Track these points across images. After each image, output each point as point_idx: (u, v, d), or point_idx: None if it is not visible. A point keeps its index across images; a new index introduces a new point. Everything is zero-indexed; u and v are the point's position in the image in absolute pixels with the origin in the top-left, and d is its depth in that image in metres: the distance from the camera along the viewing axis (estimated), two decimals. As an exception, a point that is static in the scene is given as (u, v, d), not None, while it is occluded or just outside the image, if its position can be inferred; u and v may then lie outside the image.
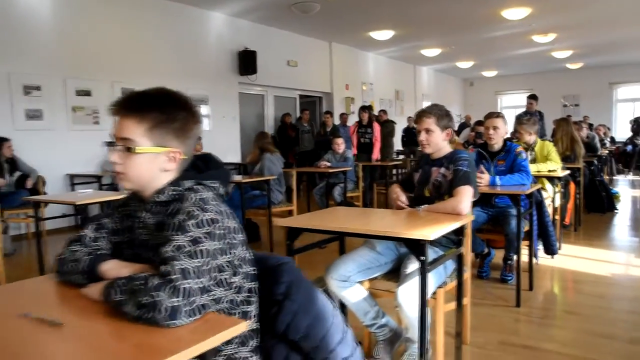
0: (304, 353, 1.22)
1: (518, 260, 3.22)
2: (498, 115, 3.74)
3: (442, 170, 2.40)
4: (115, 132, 1.21)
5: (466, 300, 2.46)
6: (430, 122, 2.46)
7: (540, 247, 3.92)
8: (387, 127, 9.53)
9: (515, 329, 2.81)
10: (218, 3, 8.04)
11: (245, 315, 1.20)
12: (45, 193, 5.79)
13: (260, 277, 1.26)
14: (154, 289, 0.99)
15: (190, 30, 8.08)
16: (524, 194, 3.12)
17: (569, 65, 15.53)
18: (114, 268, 1.17)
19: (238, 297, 1.20)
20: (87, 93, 6.71)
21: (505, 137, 3.70)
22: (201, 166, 1.29)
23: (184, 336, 0.92)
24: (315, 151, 9.05)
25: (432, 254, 2.11)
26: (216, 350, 1.04)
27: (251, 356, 1.19)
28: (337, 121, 9.96)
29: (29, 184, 5.55)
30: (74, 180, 6.52)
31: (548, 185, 4.42)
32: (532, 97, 8.36)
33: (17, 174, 5.63)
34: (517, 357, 2.44)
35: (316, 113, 11.30)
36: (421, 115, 2.50)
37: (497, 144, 3.63)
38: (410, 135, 12.58)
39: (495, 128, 3.62)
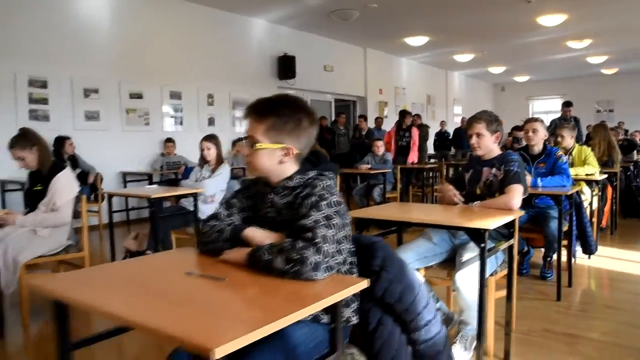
0: (395, 315, 1.48)
1: (558, 258, 3.41)
2: (537, 119, 3.95)
3: (494, 170, 2.63)
4: (247, 129, 1.50)
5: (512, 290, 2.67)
6: (480, 127, 2.69)
7: (578, 247, 4.10)
8: (422, 131, 9.71)
9: (557, 319, 3.01)
10: (260, 10, 8.39)
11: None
12: (102, 189, 6.19)
13: (357, 253, 1.52)
14: (301, 249, 1.28)
15: (234, 36, 8.45)
16: (565, 195, 3.31)
17: (604, 71, 15.42)
18: (257, 233, 1.45)
19: (343, 267, 1.46)
20: (139, 96, 7.12)
21: (544, 140, 3.89)
22: (314, 160, 1.56)
23: (321, 291, 1.19)
24: (351, 154, 9.31)
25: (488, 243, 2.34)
26: (326, 310, 1.31)
27: (353, 316, 1.46)
28: (371, 124, 10.21)
29: (90, 179, 5.96)
30: (126, 178, 6.93)
31: (585, 189, 4.57)
32: (568, 104, 8.44)
33: (77, 170, 6.05)
34: (561, 344, 2.64)
35: (350, 116, 11.56)
36: (472, 121, 2.74)
37: (536, 146, 3.82)
38: (443, 140, 12.75)
39: (534, 131, 3.82)
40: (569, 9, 8.37)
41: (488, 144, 2.69)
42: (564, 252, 3.62)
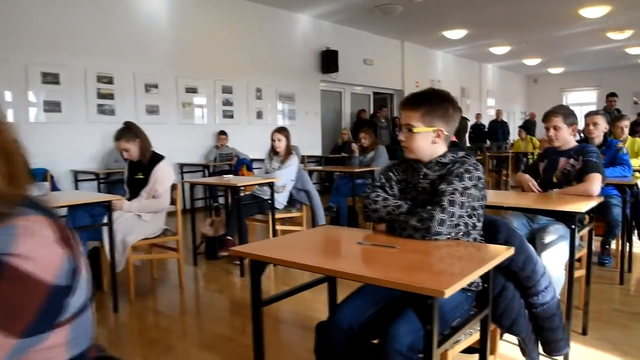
0: (516, 282, 1.72)
1: (622, 244, 3.59)
2: (598, 112, 4.09)
3: (572, 161, 2.83)
4: (402, 120, 1.76)
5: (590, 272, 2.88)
6: (557, 120, 2.88)
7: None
8: (461, 123, 9.84)
9: (625, 301, 3.20)
10: (305, 6, 8.62)
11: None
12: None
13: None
14: (430, 210, 1.61)
15: (280, 31, 8.71)
16: (629, 184, 3.48)
17: (642, 62, 15.21)
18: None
19: (468, 239, 1.71)
20: (194, 90, 7.45)
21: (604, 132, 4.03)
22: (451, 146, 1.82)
23: (482, 257, 1.43)
24: (392, 146, 9.51)
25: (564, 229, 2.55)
26: None
27: (481, 282, 1.70)
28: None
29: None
30: (183, 169, 7.28)
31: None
32: (612, 95, 8.45)
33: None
34: (632, 321, 2.84)
35: (388, 109, 11.74)
36: (549, 114, 2.93)
37: (597, 138, 3.97)
38: (478, 132, 12.83)
39: (595, 124, 3.96)
40: (613, 0, 8.37)
41: (565, 136, 2.89)
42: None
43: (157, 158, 3.49)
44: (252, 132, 8.27)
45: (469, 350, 1.75)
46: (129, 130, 3.45)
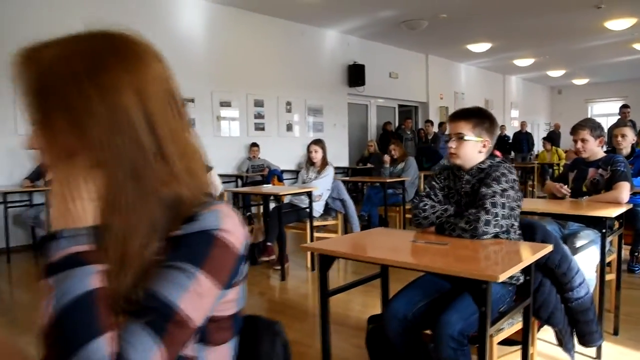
0: (553, 278, 1.91)
1: (649, 251, 3.71)
2: (626, 124, 4.24)
3: (600, 170, 3.00)
4: (452, 129, 1.97)
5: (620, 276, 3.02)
6: (584, 133, 3.06)
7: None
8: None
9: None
10: (333, 22, 8.92)
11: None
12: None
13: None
14: (476, 212, 1.80)
15: (309, 47, 9.02)
16: (656, 193, 3.61)
17: (669, 73, 15.11)
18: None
19: (513, 233, 1.90)
20: (228, 104, 7.78)
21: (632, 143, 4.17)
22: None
23: (515, 258, 1.63)
24: (417, 158, 9.67)
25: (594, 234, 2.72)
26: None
27: (521, 276, 1.88)
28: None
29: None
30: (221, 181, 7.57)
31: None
32: (626, 107, 8.58)
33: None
34: (661, 324, 2.97)
35: (412, 121, 11.92)
36: (577, 128, 3.11)
37: (625, 149, 4.11)
38: (503, 143, 12.90)
39: (623, 136, 4.11)
40: (638, 12, 8.46)
41: (592, 148, 3.06)
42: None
43: (206, 168, 3.75)
44: (283, 144, 8.55)
45: (509, 342, 1.93)
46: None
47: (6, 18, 5.50)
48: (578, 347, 2.12)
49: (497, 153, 2.04)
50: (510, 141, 13.02)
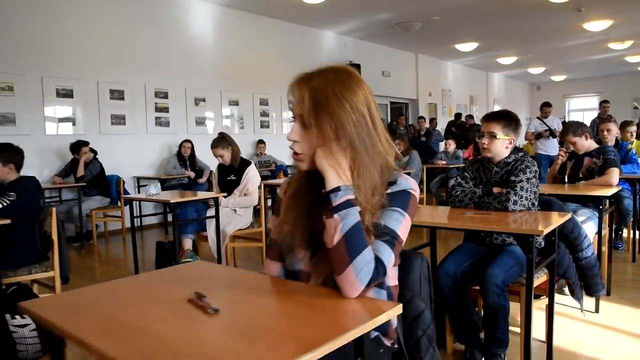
0: (567, 241, 2.42)
1: (634, 230, 4.29)
2: (610, 120, 4.81)
3: (594, 159, 3.54)
4: (485, 128, 2.45)
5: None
6: (570, 137, 3.62)
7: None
8: (475, 131, 10.56)
9: (637, 273, 3.90)
10: (331, 23, 9.37)
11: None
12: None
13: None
14: (506, 194, 2.28)
15: (308, 47, 9.46)
16: (638, 179, 4.19)
17: (641, 69, 15.97)
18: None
19: (534, 209, 2.41)
20: (236, 103, 8.18)
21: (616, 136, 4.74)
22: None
23: (546, 222, 2.13)
24: (411, 152, 10.22)
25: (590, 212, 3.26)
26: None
27: (542, 240, 2.38)
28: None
29: (205, 176, 7.01)
30: (228, 175, 7.98)
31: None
32: (606, 102, 9.27)
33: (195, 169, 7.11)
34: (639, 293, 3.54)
35: (404, 117, 12.47)
36: (563, 135, 3.69)
37: (610, 142, 4.68)
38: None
39: (608, 130, 4.67)
40: (615, 15, 9.12)
41: (582, 144, 3.62)
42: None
43: (246, 162, 4.20)
44: (286, 140, 8.97)
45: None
46: (224, 140, 4.16)
47: (32, 27, 5.82)
48: (575, 304, 2.65)
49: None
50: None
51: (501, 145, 2.44)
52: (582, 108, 18.90)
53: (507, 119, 2.44)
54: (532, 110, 19.54)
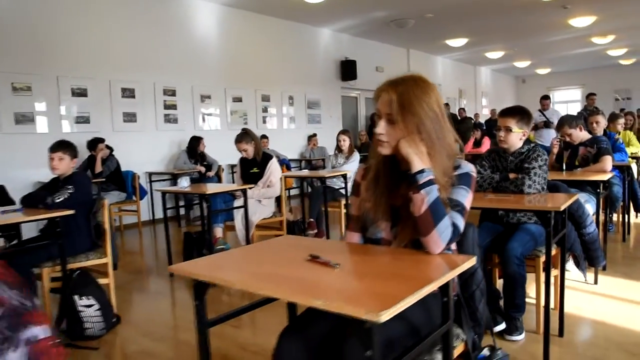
0: (572, 219, 2.78)
1: (623, 214, 4.70)
2: (598, 112, 5.20)
3: (588, 149, 3.92)
4: (500, 123, 2.78)
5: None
6: (567, 130, 3.99)
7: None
8: (467, 123, 10.97)
9: (627, 251, 4.33)
10: (328, 21, 9.66)
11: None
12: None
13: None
14: (522, 179, 2.63)
15: (306, 44, 9.76)
16: (626, 166, 4.59)
17: (622, 61, 16.54)
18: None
19: (543, 192, 2.76)
20: (239, 99, 8.45)
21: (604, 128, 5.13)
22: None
23: (558, 202, 2.48)
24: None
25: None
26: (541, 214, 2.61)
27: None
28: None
29: (213, 171, 7.29)
30: (234, 169, 8.25)
31: (632, 165, 5.82)
32: (593, 94, 9.74)
33: (205, 164, 7.37)
34: (635, 262, 3.94)
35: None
36: (559, 128, 4.06)
37: (599, 133, 5.07)
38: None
39: (597, 122, 5.04)
40: (599, 11, 9.56)
41: (577, 135, 3.99)
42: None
43: (268, 156, 4.50)
44: (287, 135, 9.29)
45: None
46: (247, 135, 4.46)
47: (48, 29, 6.03)
48: (578, 277, 3.03)
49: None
50: (484, 128, 14.08)
51: (516, 138, 2.78)
52: (566, 100, 19.46)
53: (521, 114, 2.78)
54: (517, 102, 20.06)
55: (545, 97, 9.28)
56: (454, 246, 1.61)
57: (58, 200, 3.07)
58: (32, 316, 0.47)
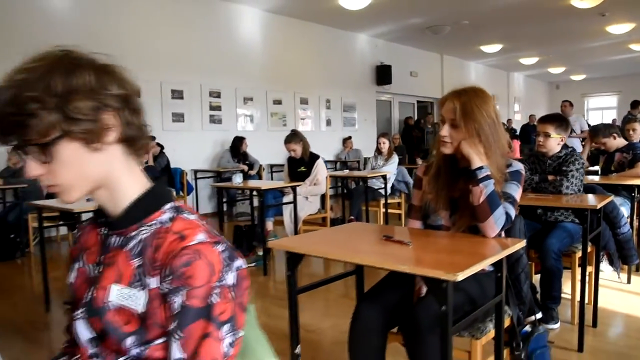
0: (607, 219, 2.98)
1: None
2: (635, 119, 5.33)
3: (624, 155, 4.09)
4: (540, 129, 3.01)
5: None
6: (600, 139, 4.16)
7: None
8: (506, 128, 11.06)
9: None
10: (363, 27, 9.93)
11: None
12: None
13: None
14: (560, 180, 2.85)
15: (342, 49, 10.05)
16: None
17: (660, 69, 16.29)
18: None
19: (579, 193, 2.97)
20: (279, 102, 8.79)
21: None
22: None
23: (594, 202, 2.69)
24: (439, 148, 10.77)
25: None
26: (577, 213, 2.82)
27: (587, 220, 2.95)
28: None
29: (255, 169, 7.65)
30: (272, 169, 8.61)
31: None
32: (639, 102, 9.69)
33: (247, 163, 7.73)
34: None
35: (432, 116, 13.03)
36: (592, 137, 4.22)
37: (635, 139, 5.19)
38: (510, 136, 14.02)
39: (633, 130, 5.18)
40: (638, 18, 9.56)
41: (612, 144, 4.18)
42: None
43: (315, 156, 4.80)
44: (324, 137, 9.59)
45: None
46: (296, 136, 4.77)
47: (105, 33, 6.48)
48: (612, 277, 3.21)
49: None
50: (517, 133, 14.13)
51: (554, 142, 3.00)
52: (601, 107, 19.26)
53: (559, 120, 3.00)
54: (551, 108, 19.93)
55: (565, 101, 9.33)
56: (503, 233, 1.87)
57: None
58: (237, 253, 0.75)
